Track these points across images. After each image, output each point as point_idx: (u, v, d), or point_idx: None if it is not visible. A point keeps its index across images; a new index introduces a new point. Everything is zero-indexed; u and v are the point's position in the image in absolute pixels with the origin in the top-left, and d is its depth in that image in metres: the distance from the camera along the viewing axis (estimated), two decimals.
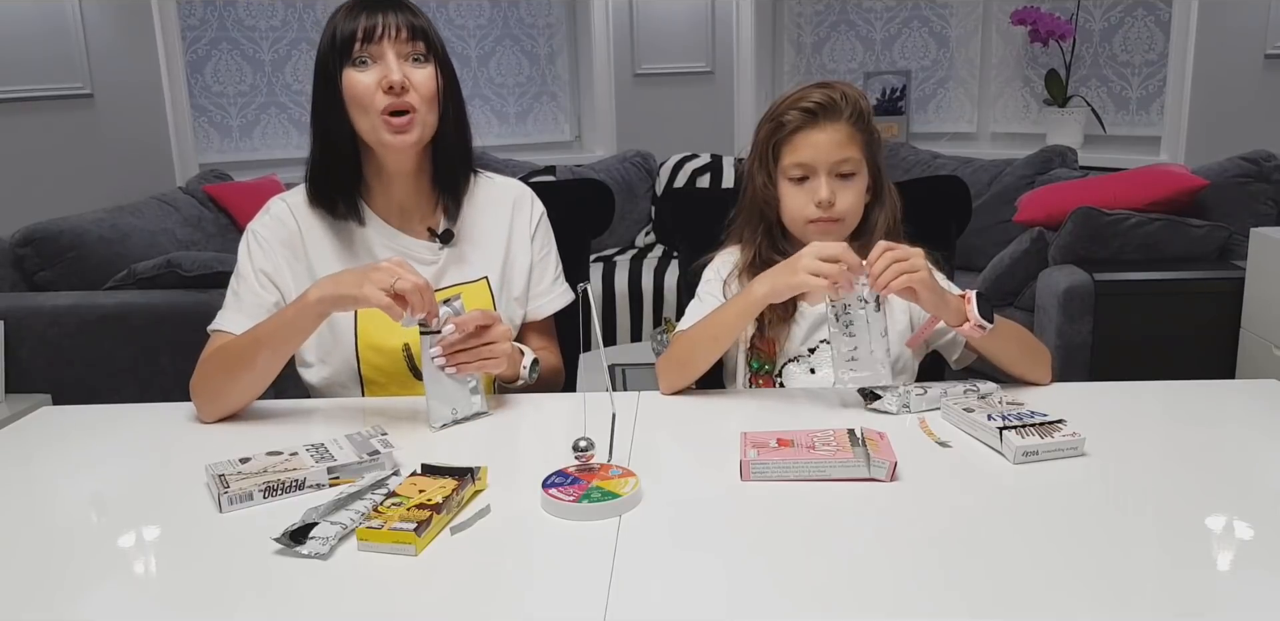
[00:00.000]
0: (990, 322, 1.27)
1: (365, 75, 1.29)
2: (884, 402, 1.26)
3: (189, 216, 3.05)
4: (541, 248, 1.50)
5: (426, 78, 1.31)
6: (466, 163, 1.43)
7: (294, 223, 1.39)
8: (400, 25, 1.30)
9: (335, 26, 1.31)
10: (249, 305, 1.35)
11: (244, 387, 1.29)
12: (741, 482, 1.06)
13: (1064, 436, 1.11)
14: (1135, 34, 3.74)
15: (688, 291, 1.59)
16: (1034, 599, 0.83)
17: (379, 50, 1.29)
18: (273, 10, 3.94)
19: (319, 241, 1.39)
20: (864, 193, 1.42)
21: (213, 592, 0.87)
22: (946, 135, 4.26)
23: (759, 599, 0.84)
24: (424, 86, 1.31)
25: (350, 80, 1.30)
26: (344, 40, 1.29)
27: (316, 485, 1.06)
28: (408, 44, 1.30)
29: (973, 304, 1.27)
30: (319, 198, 1.38)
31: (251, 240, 1.39)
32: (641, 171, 4.22)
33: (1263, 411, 1.29)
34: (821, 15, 4.47)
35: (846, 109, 1.38)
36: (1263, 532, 0.94)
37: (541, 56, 4.54)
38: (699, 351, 1.37)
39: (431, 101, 1.32)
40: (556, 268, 1.52)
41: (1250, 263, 2.48)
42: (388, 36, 1.29)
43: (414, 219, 1.42)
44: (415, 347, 1.39)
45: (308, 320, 1.25)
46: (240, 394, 1.30)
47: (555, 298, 1.51)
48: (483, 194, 1.47)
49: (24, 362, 2.33)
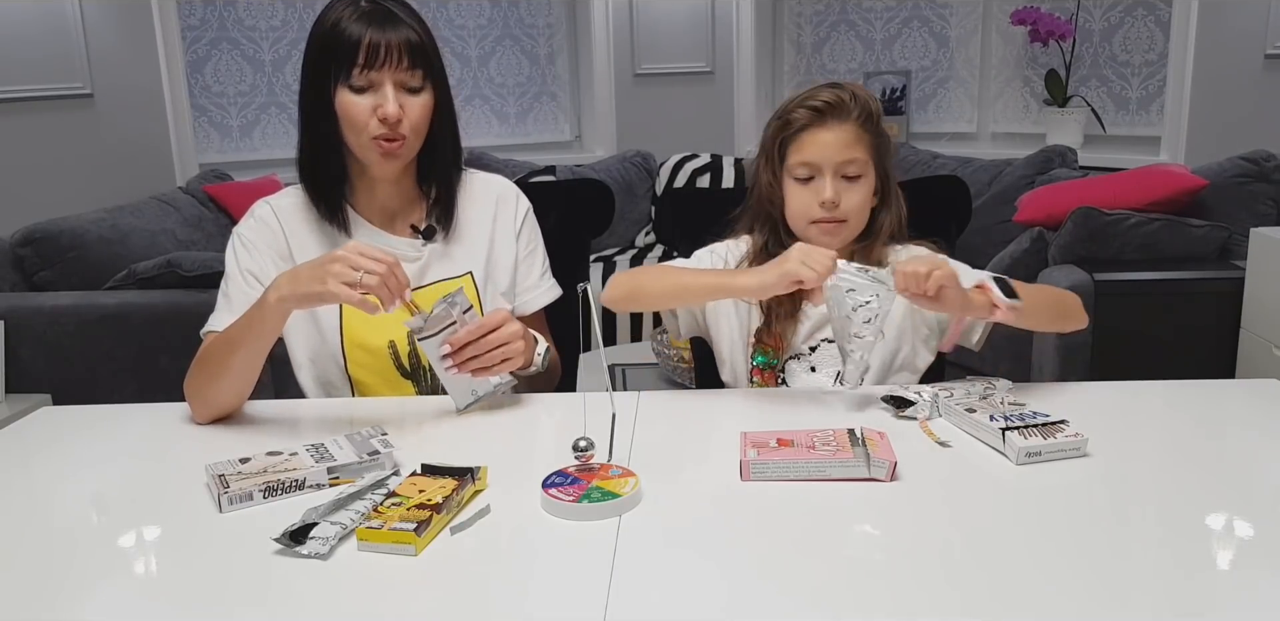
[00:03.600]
0: (1018, 299, 1.24)
1: (361, 99, 1.29)
2: (916, 409, 1.24)
3: (189, 216, 3.05)
4: (528, 243, 1.50)
5: (420, 107, 1.31)
6: (455, 167, 1.43)
7: (278, 224, 1.40)
8: (402, 49, 1.28)
9: (335, 29, 1.27)
10: (239, 306, 1.34)
11: (225, 389, 1.28)
12: (741, 482, 1.06)
13: (1067, 437, 1.11)
14: (1135, 34, 3.74)
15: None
16: (1034, 599, 0.83)
17: (378, 77, 1.28)
18: (273, 10, 3.94)
19: (304, 242, 1.40)
20: (870, 195, 1.42)
21: (213, 592, 0.87)
22: (946, 135, 4.26)
23: (758, 599, 0.84)
24: (416, 114, 1.31)
25: (345, 101, 1.29)
26: (344, 55, 1.27)
27: (316, 485, 1.06)
28: (406, 73, 1.29)
29: (994, 290, 1.24)
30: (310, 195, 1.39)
31: (237, 242, 1.40)
32: (641, 171, 4.22)
33: (1263, 411, 1.28)
34: (821, 15, 4.47)
35: (855, 109, 1.38)
36: (1263, 532, 0.94)
37: (541, 56, 4.54)
38: (654, 292, 1.40)
39: (421, 128, 1.33)
40: (544, 262, 1.52)
41: (1250, 263, 2.48)
42: (389, 63, 1.27)
43: (398, 218, 1.43)
44: (401, 345, 1.40)
45: (272, 321, 1.22)
46: (224, 395, 1.29)
47: (543, 293, 1.51)
48: (467, 190, 1.47)
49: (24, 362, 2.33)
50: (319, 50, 1.30)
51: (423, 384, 1.43)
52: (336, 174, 1.38)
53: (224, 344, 1.28)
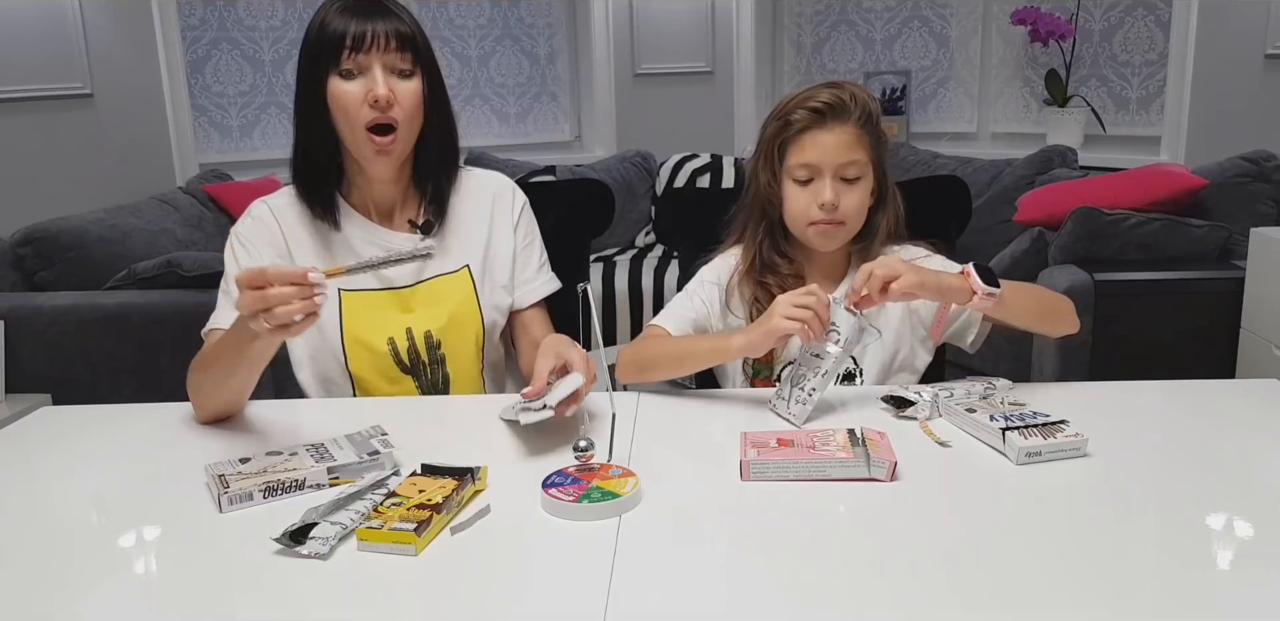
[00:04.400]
0: (997, 287, 1.24)
1: (351, 86, 1.29)
2: (916, 409, 1.24)
3: (189, 216, 3.05)
4: (525, 236, 1.51)
5: (411, 92, 1.31)
6: (451, 165, 1.44)
7: (275, 223, 1.41)
8: (389, 34, 1.29)
9: (323, 25, 1.30)
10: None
11: (223, 393, 1.26)
12: (741, 482, 1.06)
13: (1067, 437, 1.11)
14: (1135, 34, 3.74)
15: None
16: (1034, 599, 0.83)
17: (366, 61, 1.29)
18: (273, 10, 3.93)
19: (301, 240, 1.41)
20: (868, 196, 1.41)
21: (212, 592, 0.87)
22: (946, 135, 4.26)
23: (758, 598, 0.84)
24: (408, 100, 1.31)
25: (336, 89, 1.30)
26: (331, 45, 1.29)
27: (316, 485, 1.06)
28: (395, 55, 1.30)
29: (973, 276, 1.24)
30: (302, 194, 1.39)
31: (235, 242, 1.41)
32: (641, 171, 4.21)
33: (1263, 411, 1.29)
34: (821, 15, 4.47)
35: (855, 111, 1.37)
36: (1262, 532, 0.94)
37: (541, 56, 4.54)
38: (660, 365, 1.40)
39: (415, 115, 1.33)
40: (541, 255, 1.53)
41: (1250, 262, 2.48)
42: (376, 47, 1.28)
43: (395, 214, 1.44)
44: (400, 341, 1.41)
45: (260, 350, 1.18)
46: (221, 400, 1.27)
47: (541, 284, 1.52)
48: (464, 186, 1.48)
49: (24, 362, 2.33)
50: (309, 48, 1.32)
51: (423, 379, 1.43)
52: (331, 172, 1.38)
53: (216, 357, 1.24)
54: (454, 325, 1.43)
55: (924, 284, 1.22)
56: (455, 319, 1.43)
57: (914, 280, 1.21)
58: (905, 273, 1.21)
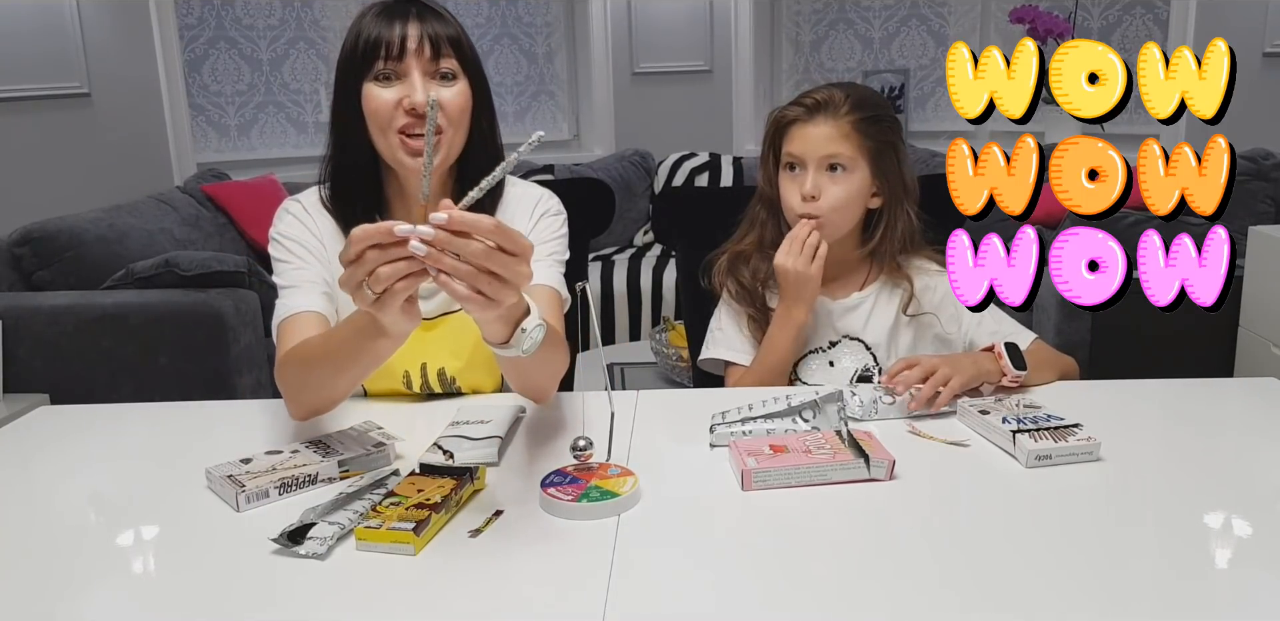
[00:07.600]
0: (1024, 370, 1.29)
1: (387, 92, 1.20)
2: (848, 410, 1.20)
3: (187, 216, 3.04)
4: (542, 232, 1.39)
5: (454, 95, 1.22)
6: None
7: (312, 223, 1.33)
8: (430, 38, 1.19)
9: (360, 31, 1.21)
10: (305, 283, 1.27)
11: (330, 389, 1.16)
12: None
13: (1079, 441, 1.10)
14: (1133, 32, 3.74)
15: (686, 290, 1.59)
16: (1034, 599, 0.83)
17: (404, 67, 1.20)
18: (270, 9, 3.93)
19: (333, 246, 1.32)
20: (857, 194, 1.42)
21: (210, 592, 0.87)
22: (945, 134, 4.26)
23: (758, 598, 0.84)
24: (451, 105, 1.21)
25: (370, 95, 1.21)
26: (368, 50, 1.19)
27: (329, 479, 1.06)
28: (436, 61, 1.20)
29: (1005, 358, 1.29)
30: (336, 212, 1.31)
31: (279, 238, 1.31)
32: (640, 170, 4.21)
33: (1262, 410, 1.29)
34: (820, 14, 4.47)
35: (844, 106, 1.40)
36: (1261, 531, 0.94)
37: (540, 55, 4.53)
38: (774, 379, 1.44)
39: (459, 122, 1.23)
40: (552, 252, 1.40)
41: (1249, 262, 2.48)
42: (416, 51, 1.19)
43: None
44: (415, 377, 1.35)
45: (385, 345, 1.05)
46: (327, 394, 1.17)
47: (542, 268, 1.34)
48: (506, 199, 1.38)
49: (22, 362, 2.32)
50: (346, 53, 1.22)
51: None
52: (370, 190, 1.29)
53: (325, 353, 1.13)
54: (471, 368, 1.36)
55: (966, 384, 1.26)
56: (474, 361, 1.35)
57: (959, 384, 1.25)
58: (951, 377, 1.24)
